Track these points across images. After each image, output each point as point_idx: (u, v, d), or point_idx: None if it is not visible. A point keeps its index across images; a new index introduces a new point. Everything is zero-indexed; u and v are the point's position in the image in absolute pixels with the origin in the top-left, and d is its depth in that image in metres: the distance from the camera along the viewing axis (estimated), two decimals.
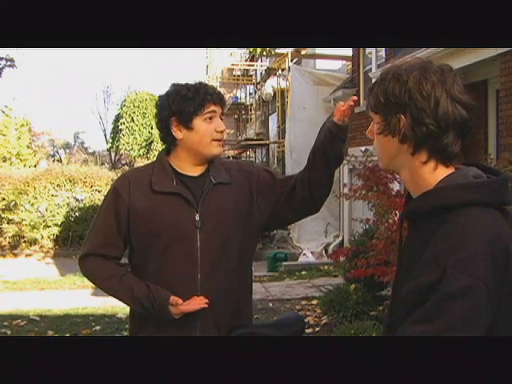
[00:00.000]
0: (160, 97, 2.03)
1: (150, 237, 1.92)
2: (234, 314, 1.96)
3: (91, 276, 2.02)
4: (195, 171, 1.99)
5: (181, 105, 1.93)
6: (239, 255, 1.99)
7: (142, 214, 1.92)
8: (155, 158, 2.10)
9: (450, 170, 1.22)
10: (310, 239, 11.09)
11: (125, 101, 25.69)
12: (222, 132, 1.97)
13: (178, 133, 1.95)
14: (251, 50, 17.14)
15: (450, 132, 1.17)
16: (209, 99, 1.93)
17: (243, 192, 2.02)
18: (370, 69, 10.81)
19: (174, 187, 1.94)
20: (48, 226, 12.18)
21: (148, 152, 24.16)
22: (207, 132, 1.93)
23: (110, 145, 27.76)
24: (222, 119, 2.00)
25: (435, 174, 1.21)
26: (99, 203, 2.32)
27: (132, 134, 24.46)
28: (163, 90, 2.04)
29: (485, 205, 1.14)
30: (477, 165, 1.28)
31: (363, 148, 8.32)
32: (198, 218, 1.92)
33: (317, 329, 5.75)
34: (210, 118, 1.94)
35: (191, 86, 1.97)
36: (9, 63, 10.86)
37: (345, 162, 9.93)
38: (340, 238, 11.64)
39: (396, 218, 5.10)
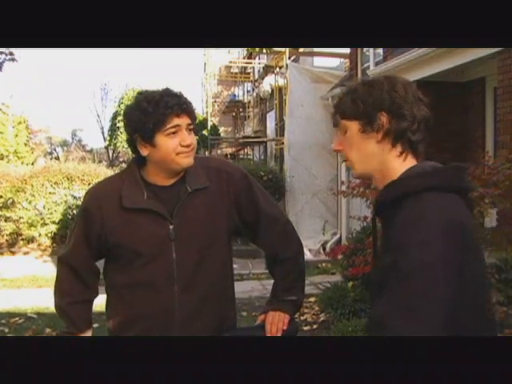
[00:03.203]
0: (124, 110, 1.93)
1: (124, 254, 1.89)
2: (216, 322, 1.93)
3: (55, 282, 2.05)
4: (168, 181, 1.90)
5: (141, 121, 1.81)
6: (218, 262, 1.95)
7: (115, 232, 1.87)
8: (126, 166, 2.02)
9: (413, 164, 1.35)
10: (307, 237, 11.09)
11: (122, 98, 25.66)
12: (188, 146, 1.83)
13: (144, 149, 1.85)
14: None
15: (421, 128, 1.33)
16: (169, 113, 1.79)
17: (219, 194, 1.93)
18: (368, 66, 10.81)
19: (144, 202, 1.86)
20: (46, 224, 12.14)
21: None
22: (170, 148, 1.81)
23: (107, 142, 27.73)
24: (191, 129, 1.86)
25: (403, 167, 1.33)
26: None
27: None
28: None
29: (441, 189, 1.23)
30: (437, 161, 1.38)
31: None
32: (172, 229, 1.86)
33: (314, 326, 5.76)
34: (174, 133, 1.81)
35: (152, 97, 1.82)
36: (9, 57, 10.81)
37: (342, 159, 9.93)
38: (338, 236, 11.66)
39: None
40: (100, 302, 2.08)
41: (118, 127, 24.81)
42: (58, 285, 2.04)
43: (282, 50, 13.80)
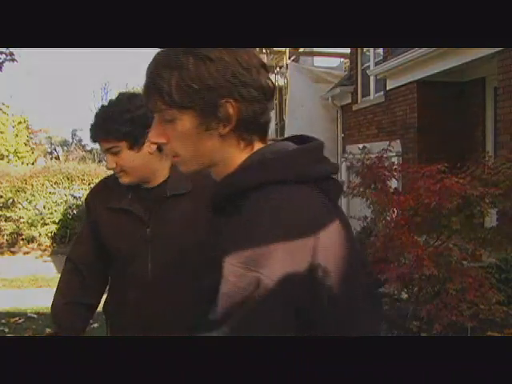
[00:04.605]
0: None
1: (109, 252, 1.93)
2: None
3: (59, 281, 2.07)
4: (151, 184, 1.91)
5: None
6: (197, 266, 1.95)
7: (102, 231, 1.93)
8: None
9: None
10: None
11: None
12: (111, 169, 1.84)
13: None
14: None
15: (269, 105, 1.06)
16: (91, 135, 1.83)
17: (203, 200, 1.92)
18: (368, 66, 10.82)
19: (125, 203, 1.89)
20: (46, 224, 12.16)
21: None
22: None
23: None
24: (114, 152, 1.80)
25: (245, 154, 1.06)
26: None
27: None
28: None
29: (287, 181, 0.98)
30: (293, 138, 1.16)
31: (361, 145, 8.33)
32: (148, 232, 1.87)
33: None
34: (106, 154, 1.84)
35: None
36: (9, 57, 10.83)
37: (342, 159, 9.96)
38: None
39: (394, 216, 5.11)
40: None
41: None
42: (58, 283, 2.07)
43: (282, 49, 13.82)
